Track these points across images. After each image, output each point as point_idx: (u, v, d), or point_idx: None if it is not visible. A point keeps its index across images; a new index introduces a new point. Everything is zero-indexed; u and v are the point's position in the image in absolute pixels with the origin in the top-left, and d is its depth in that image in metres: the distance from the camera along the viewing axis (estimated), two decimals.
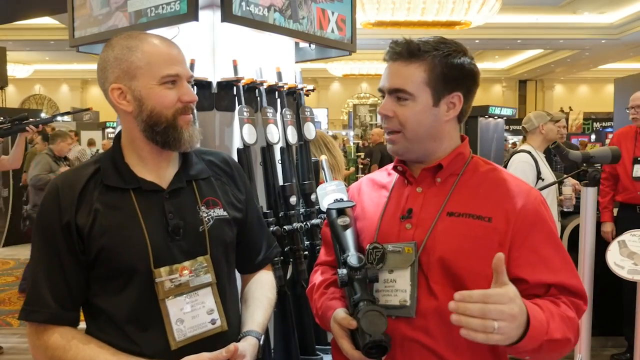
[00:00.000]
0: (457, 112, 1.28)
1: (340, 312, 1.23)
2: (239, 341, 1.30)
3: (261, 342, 1.34)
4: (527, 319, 1.05)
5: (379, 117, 1.34)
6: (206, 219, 1.31)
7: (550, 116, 3.62)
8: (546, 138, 3.61)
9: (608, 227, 3.89)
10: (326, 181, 1.48)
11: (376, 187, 1.41)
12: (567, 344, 1.14)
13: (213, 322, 1.28)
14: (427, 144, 1.28)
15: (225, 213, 1.36)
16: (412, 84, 1.24)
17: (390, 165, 1.40)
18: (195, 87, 1.79)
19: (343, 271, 1.20)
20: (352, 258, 1.21)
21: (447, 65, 1.24)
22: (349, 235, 1.29)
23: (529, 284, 1.17)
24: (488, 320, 0.98)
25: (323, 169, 1.51)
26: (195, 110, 1.32)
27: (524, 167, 3.42)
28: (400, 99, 1.25)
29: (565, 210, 3.78)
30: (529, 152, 3.53)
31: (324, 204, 1.42)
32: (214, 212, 1.33)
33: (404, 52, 1.25)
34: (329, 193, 1.42)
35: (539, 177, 3.42)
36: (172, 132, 1.26)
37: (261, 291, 1.45)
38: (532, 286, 1.18)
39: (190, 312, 1.25)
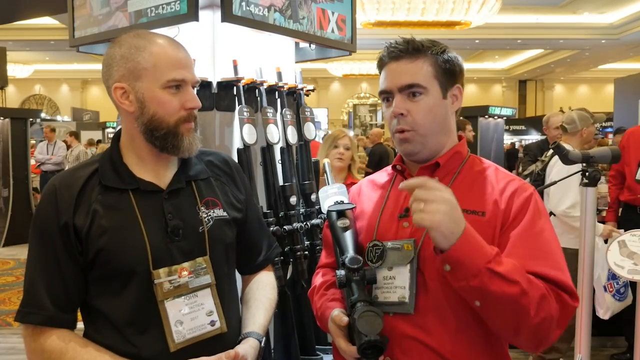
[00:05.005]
0: (460, 104, 1.33)
1: (336, 312, 1.23)
2: (239, 343, 1.30)
3: (262, 344, 1.33)
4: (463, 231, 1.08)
5: (379, 116, 1.35)
6: (206, 219, 1.30)
7: (593, 119, 3.60)
8: (585, 140, 3.61)
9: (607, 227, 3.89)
10: (328, 184, 1.48)
11: (376, 188, 1.42)
12: (521, 295, 1.08)
13: (212, 323, 1.27)
14: (439, 138, 1.30)
15: (225, 213, 1.35)
16: (424, 78, 1.26)
17: (390, 167, 1.42)
18: (195, 88, 1.79)
19: (341, 272, 1.21)
20: (350, 259, 1.21)
21: (446, 60, 1.28)
22: (348, 237, 1.29)
23: None
24: (419, 202, 1.08)
25: (325, 172, 1.52)
26: (196, 116, 1.32)
27: (570, 167, 3.38)
28: (413, 95, 1.26)
29: (599, 208, 3.78)
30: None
31: (325, 207, 1.42)
32: (213, 212, 1.32)
33: (409, 49, 1.27)
34: (330, 196, 1.42)
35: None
36: (172, 139, 1.25)
37: (262, 292, 1.45)
38: None
39: (189, 314, 1.24)
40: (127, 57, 1.23)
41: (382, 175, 1.45)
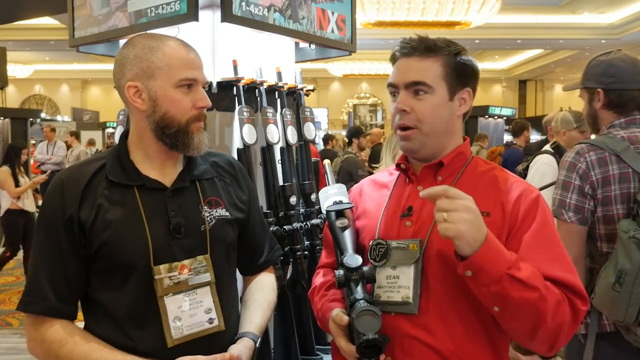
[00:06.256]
0: (467, 108, 1.32)
1: (337, 311, 1.24)
2: (234, 342, 1.31)
3: (257, 345, 1.34)
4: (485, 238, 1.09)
5: (379, 116, 1.35)
6: (208, 218, 1.32)
7: (579, 124, 3.39)
8: (567, 143, 3.48)
9: None
10: (328, 184, 1.48)
11: (377, 187, 1.42)
12: (539, 301, 1.10)
13: (210, 321, 1.28)
14: (441, 139, 1.30)
15: (227, 213, 1.36)
16: (431, 77, 1.26)
17: (393, 166, 1.42)
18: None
19: (340, 272, 1.21)
20: (349, 259, 1.22)
21: (459, 62, 1.28)
22: (347, 236, 1.29)
23: None
24: (441, 212, 1.09)
25: (326, 172, 1.52)
26: (206, 115, 1.34)
27: (545, 169, 3.30)
28: (418, 93, 1.26)
29: None
30: (553, 154, 3.36)
31: (324, 207, 1.42)
32: (216, 212, 1.34)
33: (421, 47, 1.27)
34: (330, 196, 1.42)
35: None
36: (183, 137, 1.28)
37: (261, 293, 1.46)
38: None
39: (188, 311, 1.26)
40: (140, 57, 1.26)
41: (384, 175, 1.45)
